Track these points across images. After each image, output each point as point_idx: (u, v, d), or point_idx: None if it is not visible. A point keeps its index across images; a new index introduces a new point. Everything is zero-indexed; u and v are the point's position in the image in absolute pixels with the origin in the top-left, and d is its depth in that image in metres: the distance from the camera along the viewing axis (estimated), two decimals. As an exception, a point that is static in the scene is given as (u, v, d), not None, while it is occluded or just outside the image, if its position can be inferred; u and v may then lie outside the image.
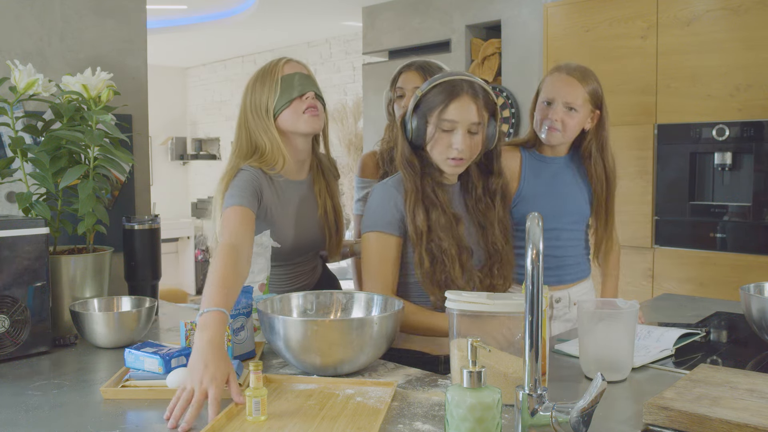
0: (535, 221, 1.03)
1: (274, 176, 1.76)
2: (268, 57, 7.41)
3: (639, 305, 1.40)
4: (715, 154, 3.10)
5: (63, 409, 1.25)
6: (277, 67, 1.76)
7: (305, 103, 1.73)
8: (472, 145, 1.62)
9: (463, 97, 1.59)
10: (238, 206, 1.61)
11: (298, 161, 1.81)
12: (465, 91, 1.59)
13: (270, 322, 1.39)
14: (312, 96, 1.74)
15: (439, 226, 1.62)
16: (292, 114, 1.73)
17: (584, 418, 0.96)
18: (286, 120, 1.74)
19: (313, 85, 1.77)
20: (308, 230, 1.83)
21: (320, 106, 1.77)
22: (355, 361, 1.39)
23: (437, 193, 1.65)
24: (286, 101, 1.72)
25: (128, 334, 1.65)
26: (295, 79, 1.74)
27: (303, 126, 1.73)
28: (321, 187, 1.87)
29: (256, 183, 1.69)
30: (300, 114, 1.73)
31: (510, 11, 4.27)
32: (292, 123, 1.73)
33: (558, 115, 1.91)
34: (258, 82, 1.77)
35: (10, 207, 1.90)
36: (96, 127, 1.74)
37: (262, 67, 1.80)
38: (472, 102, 1.59)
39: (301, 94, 1.73)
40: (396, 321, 1.43)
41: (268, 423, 1.15)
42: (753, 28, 2.97)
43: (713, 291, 3.00)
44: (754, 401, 1.13)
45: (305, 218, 1.82)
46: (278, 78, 1.74)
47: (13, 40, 1.95)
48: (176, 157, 8.48)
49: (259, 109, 1.75)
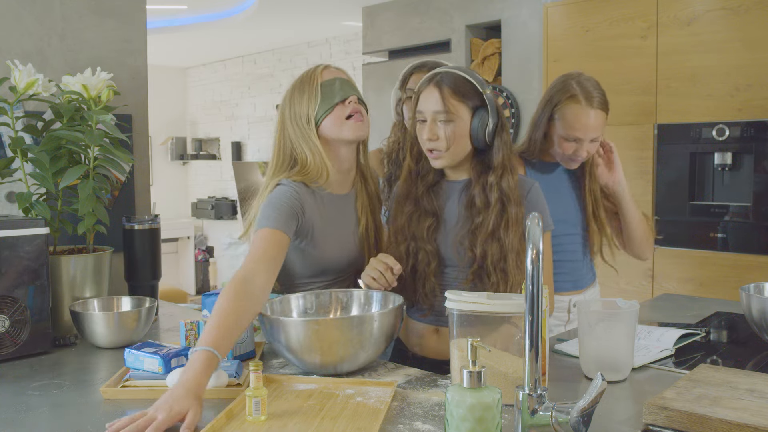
0: (535, 221, 1.03)
1: (317, 190, 1.67)
2: (268, 57, 7.44)
3: (639, 305, 1.40)
4: (715, 154, 3.10)
5: (63, 409, 1.25)
6: (315, 73, 1.68)
7: (349, 108, 1.65)
8: (447, 136, 1.56)
9: (429, 86, 1.58)
10: (270, 229, 1.51)
11: (342, 172, 1.71)
12: (430, 80, 1.59)
13: (270, 323, 1.39)
14: (355, 100, 1.66)
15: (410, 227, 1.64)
16: (335, 120, 1.64)
17: (584, 418, 0.96)
18: (330, 127, 1.65)
19: (355, 90, 1.69)
20: (349, 248, 1.73)
21: (364, 111, 1.69)
22: (356, 359, 1.39)
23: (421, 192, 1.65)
24: (329, 107, 1.64)
25: (128, 334, 1.65)
26: (336, 84, 1.66)
27: (347, 132, 1.65)
28: (363, 203, 1.76)
29: (295, 200, 1.59)
30: (343, 120, 1.64)
31: (510, 11, 4.27)
32: (336, 130, 1.65)
33: (586, 151, 1.89)
34: (297, 91, 1.68)
35: (10, 207, 1.90)
36: (96, 127, 1.74)
37: (299, 76, 1.71)
38: (435, 90, 1.57)
39: (343, 98, 1.65)
40: (396, 317, 1.43)
41: (268, 423, 1.15)
42: (753, 28, 2.98)
43: (713, 291, 3.00)
44: (754, 401, 1.13)
45: (347, 236, 1.73)
46: (318, 84, 1.65)
47: (13, 40, 1.95)
48: (176, 157, 8.47)
49: (299, 118, 1.66)
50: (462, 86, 1.56)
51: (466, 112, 1.56)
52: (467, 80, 1.57)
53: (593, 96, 1.86)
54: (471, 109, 1.57)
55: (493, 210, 1.57)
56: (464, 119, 1.56)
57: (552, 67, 3.62)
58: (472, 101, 1.57)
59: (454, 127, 1.56)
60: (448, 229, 1.63)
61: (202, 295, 1.60)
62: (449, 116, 1.55)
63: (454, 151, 1.58)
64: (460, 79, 1.57)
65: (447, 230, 1.63)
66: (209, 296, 1.57)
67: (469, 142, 1.58)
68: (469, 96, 1.56)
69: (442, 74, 1.58)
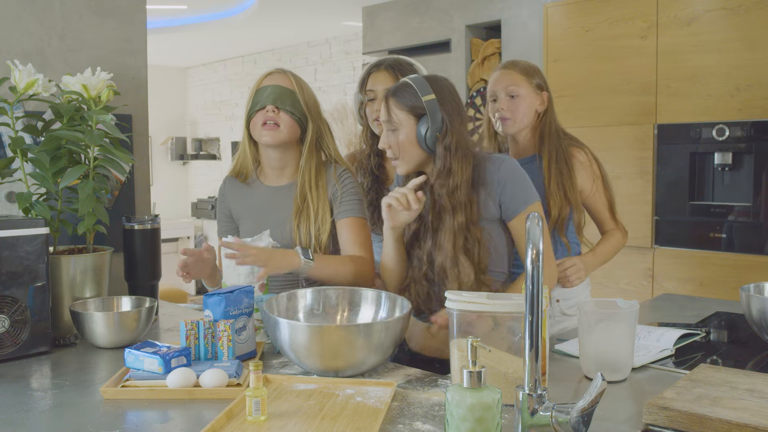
0: (535, 221, 1.03)
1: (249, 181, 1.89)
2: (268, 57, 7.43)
3: (639, 305, 1.40)
4: (715, 154, 3.10)
5: (63, 409, 1.25)
6: (262, 77, 1.83)
7: (263, 117, 1.77)
8: (393, 145, 1.64)
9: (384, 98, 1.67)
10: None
11: (274, 168, 1.85)
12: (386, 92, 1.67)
13: (275, 324, 1.39)
14: (271, 109, 1.76)
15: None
16: (253, 125, 1.79)
17: (584, 418, 0.96)
18: (252, 130, 1.81)
19: (282, 99, 1.77)
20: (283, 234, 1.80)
21: (286, 120, 1.76)
22: (361, 366, 1.39)
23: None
24: (252, 112, 1.80)
25: (128, 334, 1.65)
26: (266, 91, 1.78)
27: (260, 138, 1.78)
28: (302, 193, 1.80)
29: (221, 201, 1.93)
30: (259, 126, 1.77)
31: (510, 11, 4.27)
32: (255, 134, 1.80)
33: (504, 104, 2.03)
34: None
35: (10, 207, 1.90)
36: (96, 127, 1.74)
37: None
38: (384, 101, 1.66)
39: (262, 107, 1.77)
40: (403, 324, 1.43)
41: (268, 423, 1.15)
42: (753, 28, 2.97)
43: (713, 291, 3.00)
44: (754, 401, 1.13)
45: (281, 223, 1.81)
46: (256, 88, 1.82)
47: (13, 40, 1.95)
48: (176, 157, 8.48)
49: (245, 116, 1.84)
50: (405, 94, 1.63)
51: (410, 120, 1.62)
52: (412, 89, 1.62)
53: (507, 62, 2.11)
54: (415, 117, 1.62)
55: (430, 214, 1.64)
56: (408, 128, 1.62)
57: (552, 67, 3.62)
58: (416, 110, 1.62)
59: (399, 136, 1.63)
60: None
61: (204, 295, 1.60)
62: (393, 125, 1.63)
63: (406, 158, 1.65)
64: (406, 89, 1.63)
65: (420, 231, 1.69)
66: (211, 296, 1.57)
67: (420, 149, 1.63)
68: (411, 104, 1.62)
69: (396, 86, 1.67)
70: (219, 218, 1.95)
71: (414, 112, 1.62)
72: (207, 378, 1.33)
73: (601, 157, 2.15)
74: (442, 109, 1.61)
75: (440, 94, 1.62)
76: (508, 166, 1.64)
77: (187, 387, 1.32)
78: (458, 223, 1.59)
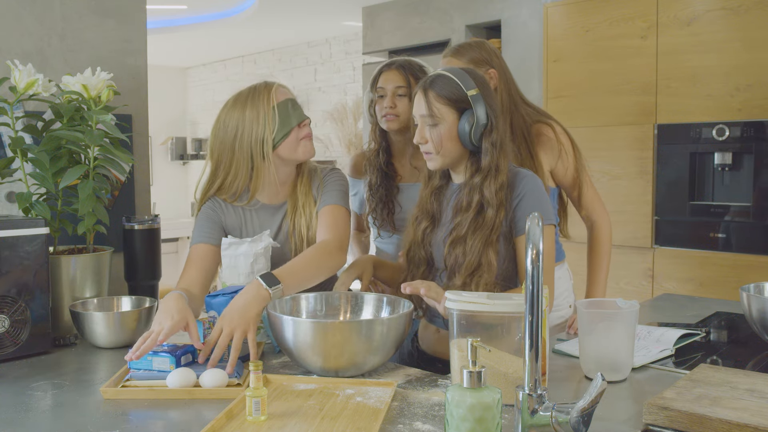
0: (535, 221, 1.03)
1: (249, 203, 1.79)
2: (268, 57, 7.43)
3: (639, 305, 1.40)
4: (715, 154, 3.10)
5: (63, 409, 1.25)
6: (269, 95, 1.72)
7: (304, 131, 1.73)
8: (434, 140, 1.57)
9: (419, 91, 1.60)
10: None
11: (277, 184, 1.77)
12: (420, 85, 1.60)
13: (279, 323, 1.39)
14: (309, 122, 1.75)
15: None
16: (292, 142, 1.71)
17: (584, 418, 0.96)
18: (285, 149, 1.71)
19: (304, 111, 1.77)
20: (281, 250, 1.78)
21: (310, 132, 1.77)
22: (363, 365, 1.38)
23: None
24: (287, 131, 1.70)
25: (128, 334, 1.65)
26: (289, 106, 1.72)
27: (302, 154, 1.73)
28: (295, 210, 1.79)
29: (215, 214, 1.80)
30: (299, 142, 1.72)
31: (510, 11, 4.27)
32: (291, 152, 1.72)
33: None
34: (249, 111, 1.71)
35: (10, 207, 1.90)
36: (96, 127, 1.74)
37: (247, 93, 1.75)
38: (422, 94, 1.58)
39: (299, 122, 1.72)
40: (406, 323, 1.43)
41: (268, 423, 1.15)
42: (753, 28, 2.97)
43: (713, 291, 3.00)
44: (754, 401, 1.13)
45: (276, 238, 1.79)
46: (273, 106, 1.70)
47: (13, 40, 1.95)
48: (176, 157, 8.47)
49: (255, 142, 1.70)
50: (447, 89, 1.56)
51: (452, 115, 1.56)
52: (454, 82, 1.56)
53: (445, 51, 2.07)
54: (457, 111, 1.56)
55: (471, 213, 1.56)
56: (450, 122, 1.56)
57: (552, 67, 3.62)
58: (459, 103, 1.56)
59: (440, 131, 1.56)
60: (441, 232, 1.64)
61: (207, 296, 1.60)
62: (434, 120, 1.56)
63: (444, 154, 1.58)
64: (446, 81, 1.56)
65: (440, 233, 1.64)
66: (215, 297, 1.57)
67: (460, 144, 1.57)
68: (454, 98, 1.56)
69: (432, 77, 1.59)
70: (203, 224, 1.78)
71: (457, 106, 1.55)
72: (207, 378, 1.33)
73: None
74: (487, 104, 1.55)
75: (483, 89, 1.57)
76: (530, 181, 1.58)
77: (187, 387, 1.32)
78: (499, 219, 1.54)
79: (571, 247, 2.24)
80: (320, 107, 6.86)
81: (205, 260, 1.73)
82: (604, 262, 2.03)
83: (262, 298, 1.47)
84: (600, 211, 2.04)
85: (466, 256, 1.54)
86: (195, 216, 1.83)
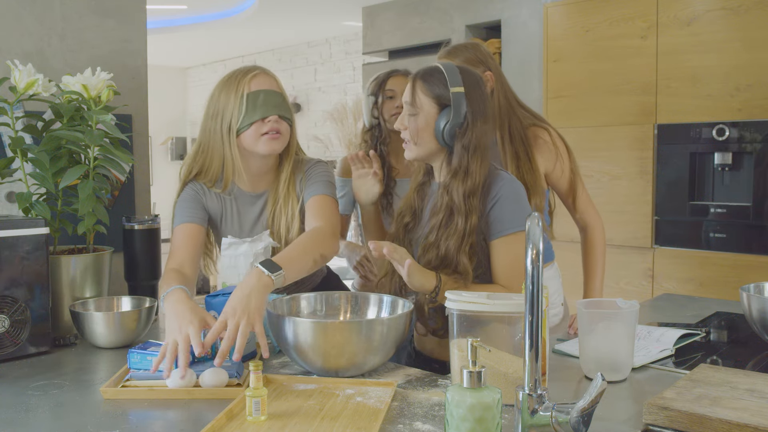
0: (534, 221, 1.03)
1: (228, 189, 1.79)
2: (268, 57, 7.43)
3: (639, 305, 1.40)
4: (715, 154, 3.10)
5: (63, 409, 1.25)
6: (245, 80, 1.70)
7: (266, 126, 1.69)
8: (411, 128, 1.55)
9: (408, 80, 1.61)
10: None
11: (252, 175, 1.78)
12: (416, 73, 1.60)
13: (279, 323, 1.39)
14: (275, 119, 1.69)
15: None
16: (252, 134, 1.69)
17: (584, 418, 0.96)
18: (246, 140, 1.71)
19: (279, 105, 1.71)
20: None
21: (284, 127, 1.72)
22: (363, 365, 1.38)
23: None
24: (250, 122, 1.69)
25: (128, 334, 1.65)
26: (260, 98, 1.69)
27: (261, 148, 1.70)
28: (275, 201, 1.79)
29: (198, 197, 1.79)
30: (259, 136, 1.69)
31: (510, 11, 4.27)
32: (251, 143, 1.70)
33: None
34: (223, 92, 1.72)
35: (10, 207, 1.90)
36: (96, 127, 1.74)
37: (230, 74, 1.75)
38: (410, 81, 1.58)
39: (263, 117, 1.68)
40: (406, 323, 1.43)
41: (268, 423, 1.15)
42: (753, 28, 2.97)
43: (713, 291, 3.00)
44: (754, 401, 1.13)
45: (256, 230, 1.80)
46: (243, 93, 1.69)
47: (13, 40, 1.95)
48: (176, 157, 8.47)
49: (221, 124, 1.71)
50: (433, 82, 1.54)
51: (432, 108, 1.54)
52: (442, 76, 1.53)
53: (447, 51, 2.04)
54: (438, 106, 1.54)
55: (441, 217, 1.53)
56: (428, 115, 1.54)
57: (552, 67, 3.62)
58: (441, 98, 1.53)
59: (418, 121, 1.54)
60: (419, 231, 1.63)
61: (207, 296, 1.59)
62: (415, 109, 1.55)
63: (420, 144, 1.56)
64: (436, 75, 1.54)
65: (419, 232, 1.63)
66: (215, 297, 1.57)
67: (435, 139, 1.55)
68: (437, 93, 1.53)
69: (427, 69, 1.57)
70: (186, 204, 1.77)
71: (438, 101, 1.53)
72: (207, 378, 1.33)
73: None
74: (467, 104, 1.52)
75: (469, 88, 1.53)
76: (507, 184, 1.54)
77: (187, 387, 1.32)
78: (470, 227, 1.50)
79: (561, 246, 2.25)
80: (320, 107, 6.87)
81: (192, 238, 1.72)
82: (599, 264, 2.05)
83: (265, 286, 1.41)
84: (593, 214, 2.06)
85: (441, 260, 1.52)
86: (176, 197, 1.81)
